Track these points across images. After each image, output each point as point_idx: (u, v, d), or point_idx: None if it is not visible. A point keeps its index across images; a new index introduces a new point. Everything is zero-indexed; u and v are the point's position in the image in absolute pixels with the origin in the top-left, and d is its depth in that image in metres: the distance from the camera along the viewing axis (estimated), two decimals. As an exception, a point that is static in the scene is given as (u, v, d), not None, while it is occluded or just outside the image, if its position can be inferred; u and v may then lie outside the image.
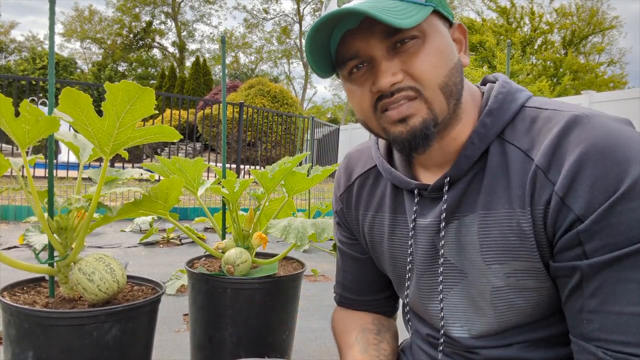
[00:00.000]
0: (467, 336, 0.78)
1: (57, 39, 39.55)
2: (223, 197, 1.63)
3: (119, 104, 1.01)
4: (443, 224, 0.75)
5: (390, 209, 0.85)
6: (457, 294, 0.77)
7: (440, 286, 0.78)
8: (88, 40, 34.04)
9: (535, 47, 22.75)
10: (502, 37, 22.09)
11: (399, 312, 0.98)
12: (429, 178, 0.80)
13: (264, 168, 1.60)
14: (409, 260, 0.82)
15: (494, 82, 0.79)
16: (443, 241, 0.76)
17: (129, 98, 0.99)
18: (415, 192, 0.79)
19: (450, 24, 0.75)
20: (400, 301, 0.98)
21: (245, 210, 1.75)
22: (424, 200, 0.79)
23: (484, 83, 0.82)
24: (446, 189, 0.74)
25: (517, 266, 0.70)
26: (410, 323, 0.91)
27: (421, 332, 0.88)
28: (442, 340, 0.80)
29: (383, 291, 0.97)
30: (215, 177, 1.71)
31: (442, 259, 0.77)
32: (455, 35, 0.75)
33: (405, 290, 0.85)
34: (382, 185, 0.87)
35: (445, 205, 0.75)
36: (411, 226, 0.80)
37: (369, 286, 0.96)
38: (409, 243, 0.81)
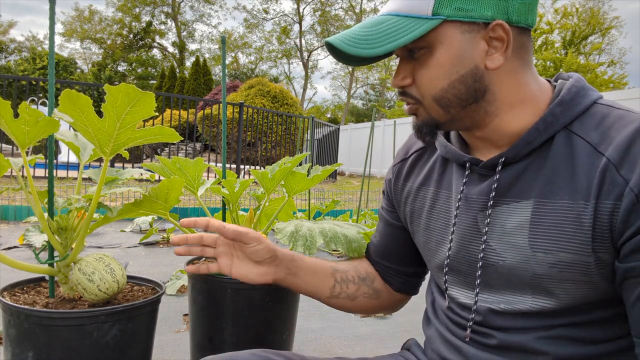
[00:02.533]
0: (491, 310, 0.78)
1: (57, 39, 39.54)
2: (223, 197, 1.63)
3: (119, 106, 1.01)
4: (491, 202, 0.76)
5: (435, 182, 0.89)
6: (491, 272, 0.77)
7: (480, 262, 0.78)
8: (88, 40, 34.05)
9: (535, 47, 22.71)
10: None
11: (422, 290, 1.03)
12: (482, 156, 0.82)
13: (264, 168, 1.60)
14: (452, 230, 0.83)
15: (567, 80, 0.79)
16: (488, 220, 0.77)
17: (129, 100, 0.99)
18: (467, 165, 0.81)
19: (486, 24, 0.71)
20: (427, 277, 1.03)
21: (246, 210, 1.75)
22: (473, 175, 0.81)
23: (557, 79, 0.83)
24: (499, 168, 0.75)
25: (564, 258, 0.70)
26: (433, 293, 0.94)
27: (442, 305, 0.88)
28: (474, 307, 0.80)
29: (395, 262, 1.02)
30: (216, 177, 1.71)
31: (485, 237, 0.77)
32: (497, 33, 0.72)
33: (446, 260, 0.85)
34: (432, 160, 0.92)
35: (496, 184, 0.75)
36: (458, 197, 0.82)
37: (389, 252, 1.03)
38: (454, 214, 0.83)
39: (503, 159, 0.75)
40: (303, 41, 33.72)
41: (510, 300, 0.76)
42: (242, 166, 9.60)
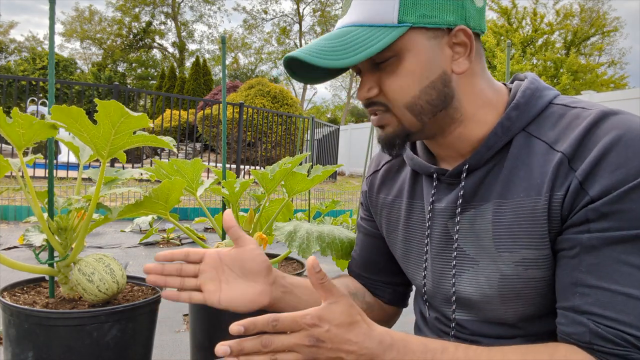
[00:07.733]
0: (473, 321, 0.80)
1: (57, 39, 39.53)
2: (223, 197, 1.63)
3: (112, 115, 1.01)
4: (459, 209, 0.78)
5: (408, 194, 0.89)
6: (466, 280, 0.79)
7: (453, 270, 0.80)
8: (88, 41, 34.02)
9: (536, 48, 22.69)
10: (502, 37, 22.05)
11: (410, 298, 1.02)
12: (448, 165, 0.83)
13: (264, 168, 1.60)
14: (426, 242, 0.85)
15: (523, 80, 0.81)
16: (457, 227, 0.78)
17: (122, 112, 1.00)
18: (434, 176, 0.82)
19: (449, 29, 0.72)
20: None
21: (246, 210, 1.75)
22: (440, 185, 0.82)
23: (513, 80, 0.84)
24: (464, 175, 0.77)
25: (526, 255, 0.72)
26: (419, 306, 0.94)
27: (428, 316, 0.90)
28: (453, 324, 0.83)
29: (381, 274, 1.01)
30: (215, 177, 1.72)
31: (456, 244, 0.79)
32: (459, 39, 0.73)
33: (423, 272, 0.87)
34: (404, 172, 0.92)
35: (462, 191, 0.77)
36: (429, 209, 0.83)
37: (372, 264, 1.01)
38: (427, 225, 0.84)
39: (467, 166, 0.77)
40: (303, 41, 33.72)
41: (484, 310, 0.78)
42: (242, 166, 9.60)
